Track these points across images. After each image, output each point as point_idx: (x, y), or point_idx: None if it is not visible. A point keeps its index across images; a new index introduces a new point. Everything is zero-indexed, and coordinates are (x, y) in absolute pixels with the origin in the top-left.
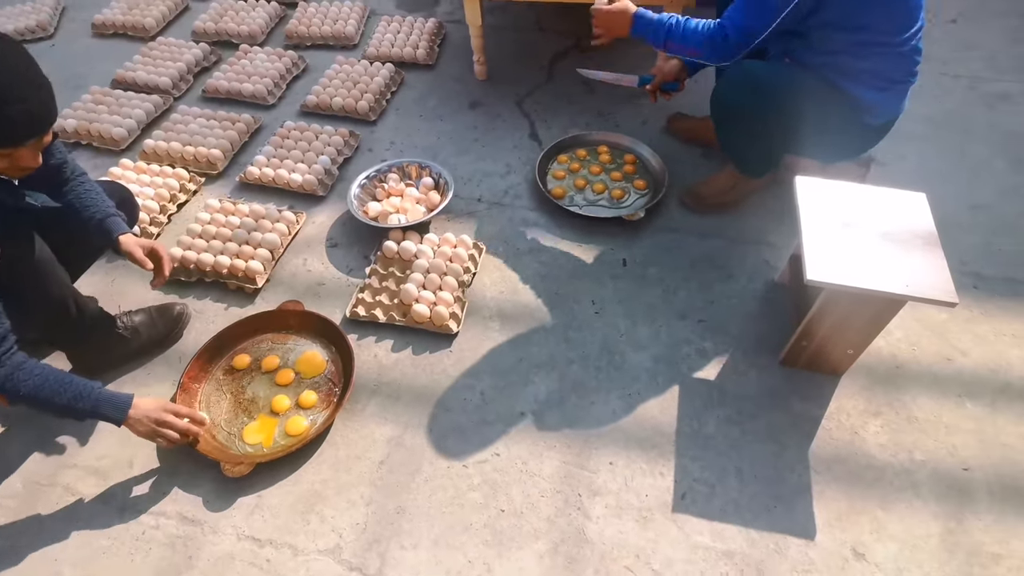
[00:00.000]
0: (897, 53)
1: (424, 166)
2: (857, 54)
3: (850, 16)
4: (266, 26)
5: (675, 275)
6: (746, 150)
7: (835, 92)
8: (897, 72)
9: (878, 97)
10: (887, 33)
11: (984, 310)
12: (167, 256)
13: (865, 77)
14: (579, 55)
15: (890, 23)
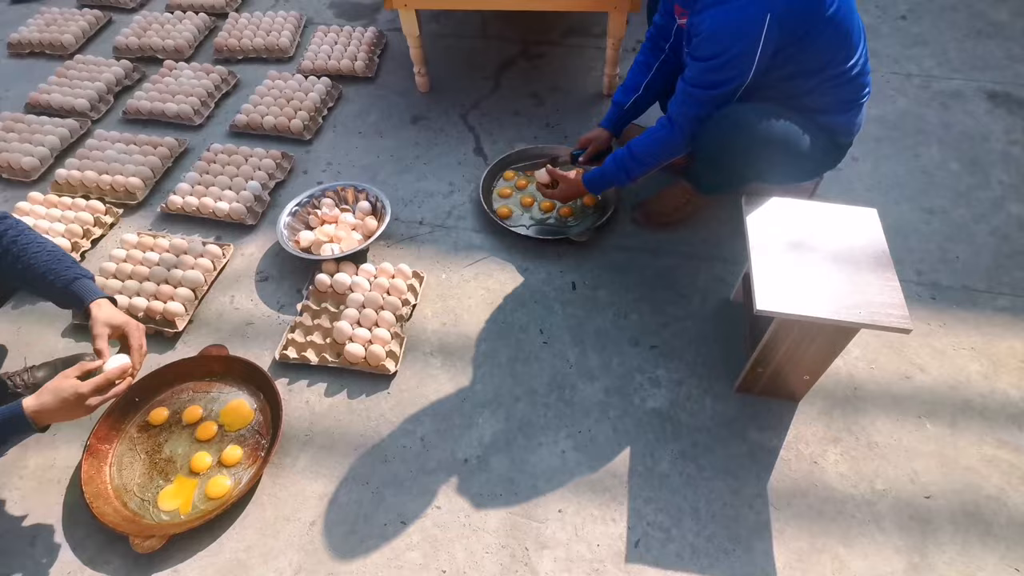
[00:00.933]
0: (850, 78)
1: (360, 189)
2: (817, 91)
3: (807, 63)
4: (193, 40)
5: (627, 297)
6: (715, 181)
7: (809, 122)
8: (855, 93)
9: (844, 118)
10: (841, 63)
11: (942, 322)
12: (140, 342)
13: (830, 106)
14: (525, 63)
15: (844, 53)
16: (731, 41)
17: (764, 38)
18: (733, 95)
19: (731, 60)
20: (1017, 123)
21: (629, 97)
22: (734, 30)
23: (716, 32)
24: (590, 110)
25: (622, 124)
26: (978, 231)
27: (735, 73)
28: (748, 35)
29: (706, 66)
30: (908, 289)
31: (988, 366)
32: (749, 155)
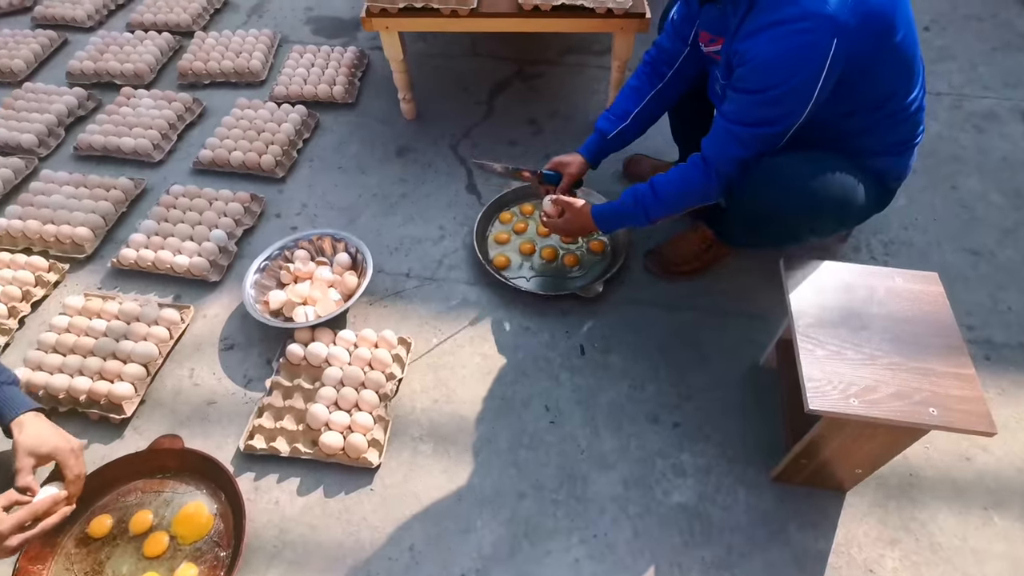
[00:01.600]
0: (909, 115)
1: (339, 239)
2: (873, 130)
3: (867, 97)
4: (155, 63)
5: (643, 363)
6: (751, 239)
7: (861, 167)
8: (911, 132)
9: (897, 161)
10: (902, 99)
11: (1001, 388)
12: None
13: (885, 147)
14: (521, 84)
15: (906, 87)
16: (790, 71)
17: (828, 67)
18: (784, 135)
19: (787, 93)
20: None
21: (614, 126)
22: (794, 58)
23: (771, 60)
24: None
25: (602, 155)
26: None
27: (790, 109)
28: (810, 63)
29: (755, 100)
30: None
31: None
32: (800, 215)
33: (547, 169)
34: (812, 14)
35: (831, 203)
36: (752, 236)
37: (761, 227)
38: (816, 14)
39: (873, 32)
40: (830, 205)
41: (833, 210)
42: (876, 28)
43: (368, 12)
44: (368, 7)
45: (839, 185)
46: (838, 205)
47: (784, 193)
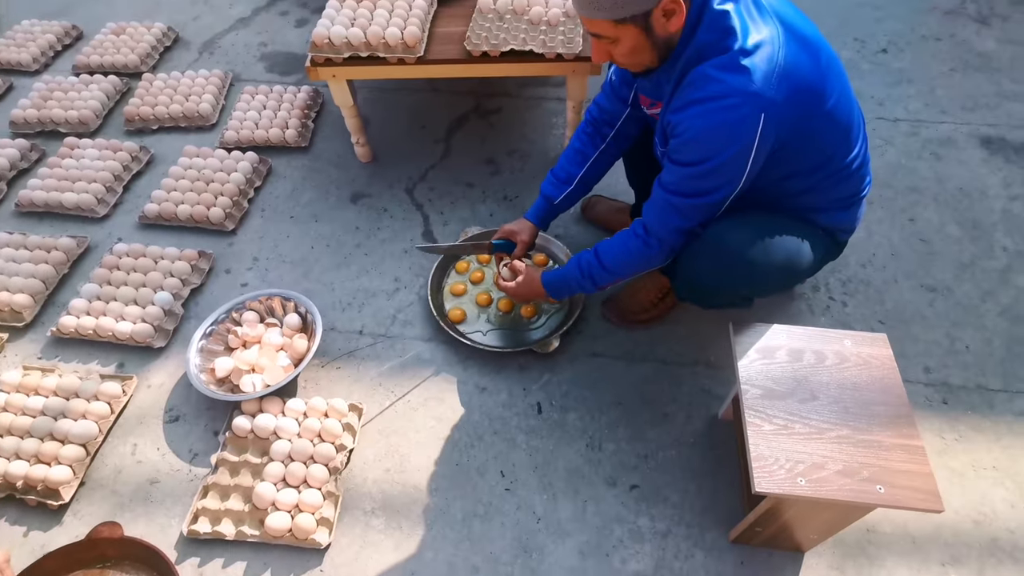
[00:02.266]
0: (851, 172)
1: (288, 299)
2: (816, 189)
3: (804, 162)
4: (102, 108)
5: (601, 420)
6: (701, 301)
7: (808, 224)
8: (856, 187)
9: (845, 216)
10: (841, 159)
11: (958, 434)
12: None
13: (830, 203)
14: (479, 121)
15: (844, 148)
16: (720, 146)
17: (758, 141)
18: (722, 204)
19: (720, 167)
20: (1015, 173)
21: (561, 191)
22: (723, 134)
23: (701, 135)
24: None
25: (551, 218)
26: (986, 312)
27: (724, 180)
28: (739, 138)
29: (690, 172)
30: (916, 392)
31: (1014, 491)
32: (744, 284)
33: (497, 239)
34: (738, 91)
35: (775, 270)
36: (702, 300)
37: (708, 294)
38: (741, 91)
39: (801, 103)
40: (775, 272)
41: (778, 276)
42: (804, 99)
43: (312, 62)
44: (312, 57)
45: (783, 251)
46: (783, 271)
47: (727, 265)
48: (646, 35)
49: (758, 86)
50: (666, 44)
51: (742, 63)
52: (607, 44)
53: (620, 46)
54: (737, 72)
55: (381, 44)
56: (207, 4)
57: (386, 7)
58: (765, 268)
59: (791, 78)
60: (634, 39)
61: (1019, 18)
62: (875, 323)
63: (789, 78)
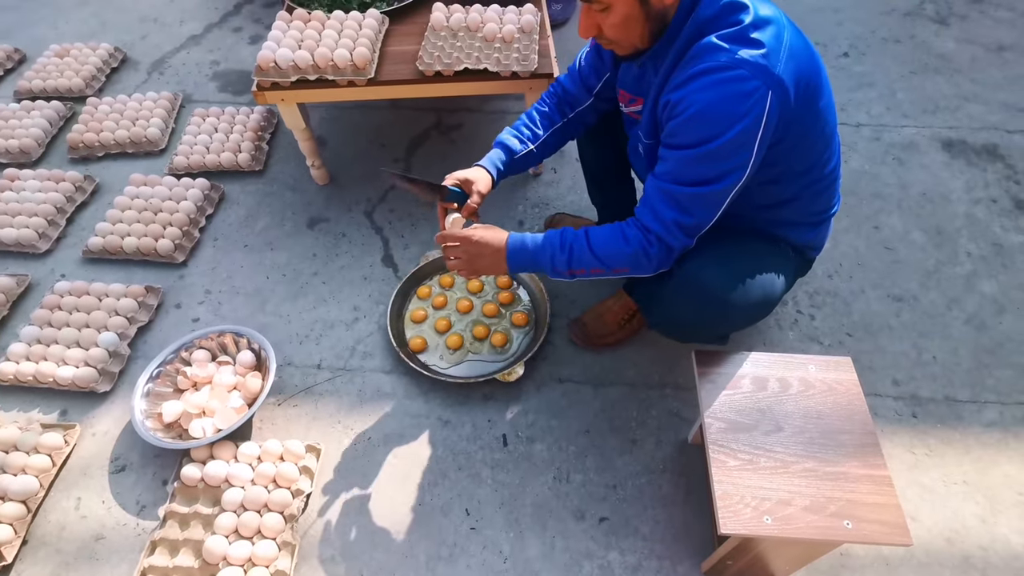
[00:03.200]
0: (828, 184)
1: (241, 335)
2: (797, 200)
3: (795, 162)
4: (44, 136)
5: (568, 449)
6: (672, 335)
7: (781, 246)
8: (828, 203)
9: (816, 233)
10: (824, 165)
11: (928, 449)
12: None
13: (805, 217)
14: (440, 137)
15: (827, 152)
16: (727, 122)
17: (765, 121)
18: (727, 195)
19: (726, 146)
20: (976, 176)
21: (523, 148)
22: (732, 105)
23: (706, 109)
24: (516, 194)
25: (506, 174)
26: (953, 321)
27: (730, 166)
28: (749, 114)
29: (692, 155)
30: (885, 406)
31: (985, 506)
32: (725, 322)
33: (448, 184)
34: (748, 63)
35: (753, 307)
36: (680, 338)
37: (686, 333)
38: (751, 63)
39: (803, 93)
40: (752, 310)
41: (756, 312)
42: (805, 89)
43: (259, 86)
44: (259, 81)
45: (760, 288)
46: (759, 307)
47: (704, 305)
48: (641, 5)
49: (769, 61)
50: (660, 19)
51: (752, 36)
52: (597, 13)
53: (612, 15)
54: (747, 44)
55: (330, 66)
56: (156, 22)
57: (335, 27)
58: (743, 307)
59: (796, 62)
60: (628, 6)
61: (977, 17)
62: (843, 335)
63: (794, 61)
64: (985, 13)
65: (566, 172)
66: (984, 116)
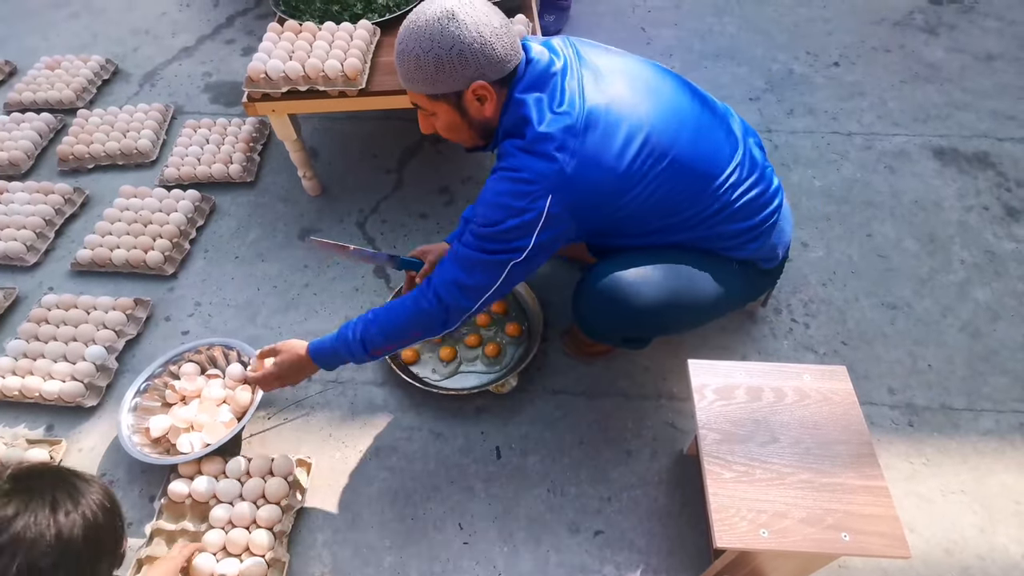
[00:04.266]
0: (731, 211)
1: (230, 348)
2: (708, 237)
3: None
4: (34, 148)
5: (562, 461)
6: (628, 346)
7: (717, 260)
8: (755, 219)
9: (757, 245)
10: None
11: (926, 458)
12: None
13: (723, 243)
14: (432, 149)
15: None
16: (507, 213)
17: (545, 217)
18: (503, 267)
19: (506, 231)
20: (968, 184)
21: None
22: (510, 202)
23: (492, 200)
24: None
25: None
26: (947, 328)
27: (513, 247)
28: (526, 211)
29: (480, 232)
30: (882, 415)
31: (983, 515)
32: (630, 324)
33: (408, 256)
34: (530, 168)
35: (664, 309)
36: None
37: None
38: (533, 169)
39: (597, 181)
40: (665, 312)
41: (671, 314)
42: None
43: (249, 97)
44: (249, 93)
45: (665, 290)
46: (673, 308)
47: (603, 307)
48: (460, 115)
49: (548, 169)
50: (484, 126)
51: (537, 147)
52: (428, 115)
53: (439, 120)
54: (532, 154)
55: (321, 77)
56: (148, 34)
57: (326, 38)
58: (646, 308)
59: (588, 161)
60: (449, 116)
61: (966, 27)
62: (838, 344)
63: (586, 161)
64: (974, 23)
65: None
66: (974, 124)
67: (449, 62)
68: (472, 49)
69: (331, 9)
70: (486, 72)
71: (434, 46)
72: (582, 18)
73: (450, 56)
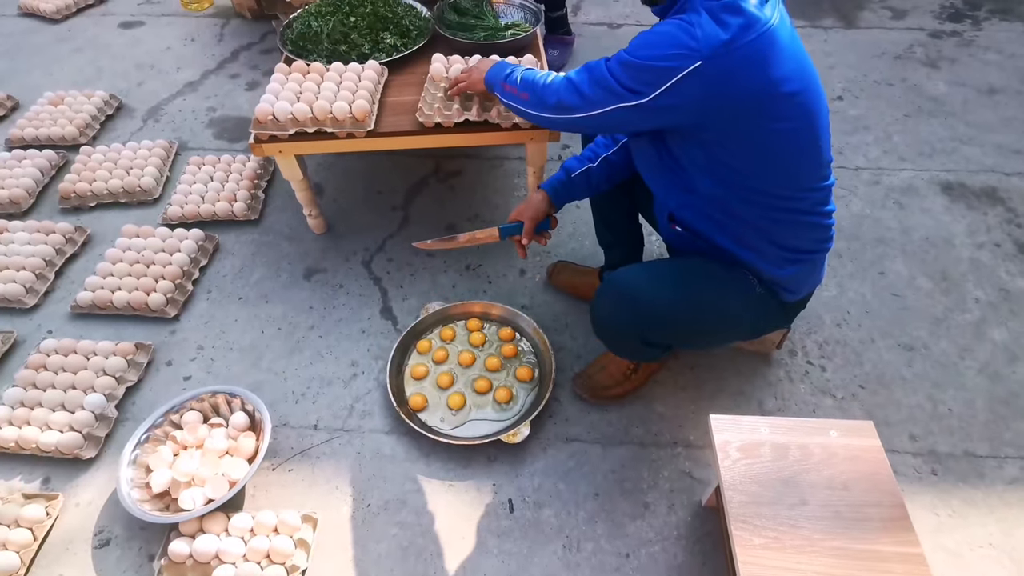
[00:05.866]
0: (797, 221)
1: (234, 395)
2: (782, 227)
3: (752, 177)
4: (36, 186)
5: (578, 516)
6: (639, 355)
7: (740, 274)
8: (804, 241)
9: (785, 270)
10: (789, 198)
11: (951, 509)
12: None
13: (770, 248)
14: (439, 185)
15: (815, 156)
16: (660, 52)
17: (681, 78)
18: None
19: (645, 68)
20: (978, 220)
21: (581, 165)
22: (668, 45)
23: (653, 34)
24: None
25: (565, 194)
26: (966, 371)
27: (638, 85)
28: (676, 59)
29: (624, 58)
30: (904, 463)
31: (1012, 570)
32: (650, 324)
33: (507, 223)
34: (703, 26)
35: (681, 315)
36: (611, 344)
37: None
38: (706, 30)
39: (744, 94)
40: (682, 318)
41: (687, 323)
42: (747, 93)
43: (256, 139)
44: (256, 135)
45: (688, 296)
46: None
47: (624, 305)
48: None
49: (720, 38)
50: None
51: (723, 15)
52: None
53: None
54: (715, 18)
55: (329, 119)
56: (153, 68)
57: (334, 79)
58: (664, 311)
59: (749, 66)
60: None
61: (966, 60)
62: (856, 388)
63: (748, 64)
64: (974, 56)
65: (567, 220)
66: (980, 158)
67: None
68: None
69: (339, 49)
70: None
71: None
72: (586, 52)
73: None
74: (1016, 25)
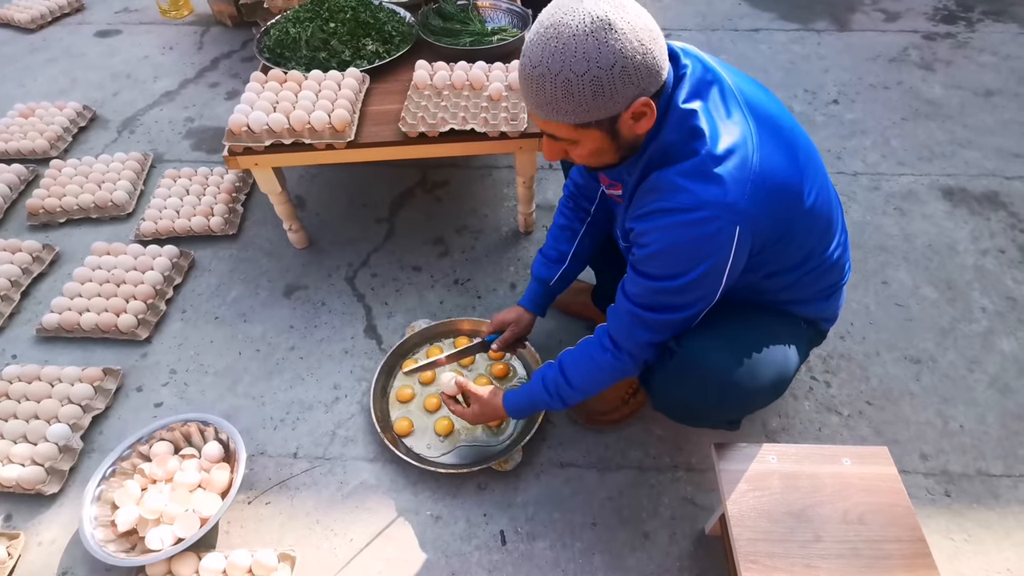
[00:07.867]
0: (831, 264)
1: (207, 424)
2: (797, 285)
3: (786, 260)
4: (3, 202)
5: (574, 548)
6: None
7: (790, 319)
8: (837, 277)
9: (827, 305)
10: (822, 253)
11: (967, 533)
12: None
13: (811, 296)
14: (425, 195)
15: (825, 242)
16: (692, 262)
17: (734, 255)
18: (695, 319)
19: (692, 283)
20: (981, 226)
21: (554, 271)
22: (696, 249)
23: (671, 250)
24: (506, 254)
25: (548, 302)
26: (975, 384)
27: (697, 297)
28: (713, 254)
29: (659, 287)
30: (916, 485)
31: None
32: (734, 406)
33: (490, 333)
34: (710, 203)
35: (765, 390)
36: (684, 421)
37: (691, 417)
38: (714, 203)
39: (779, 209)
40: (764, 392)
41: (768, 394)
42: (782, 204)
43: (231, 151)
44: (230, 147)
45: (771, 367)
46: (773, 387)
47: (710, 389)
48: (611, 138)
49: (732, 197)
50: (631, 145)
51: (714, 171)
52: (567, 144)
53: (580, 148)
54: (708, 181)
55: (306, 129)
56: (129, 78)
57: (312, 88)
58: (753, 390)
59: (767, 184)
60: (597, 142)
61: (962, 63)
62: (863, 404)
63: (765, 184)
64: (969, 58)
65: None
66: (980, 162)
67: (610, 83)
68: (635, 63)
69: (318, 56)
70: (648, 86)
71: (591, 67)
72: None
73: (611, 76)
74: (1010, 26)
